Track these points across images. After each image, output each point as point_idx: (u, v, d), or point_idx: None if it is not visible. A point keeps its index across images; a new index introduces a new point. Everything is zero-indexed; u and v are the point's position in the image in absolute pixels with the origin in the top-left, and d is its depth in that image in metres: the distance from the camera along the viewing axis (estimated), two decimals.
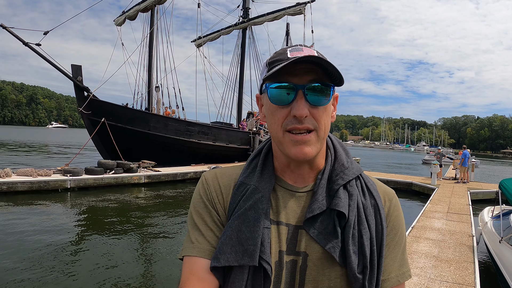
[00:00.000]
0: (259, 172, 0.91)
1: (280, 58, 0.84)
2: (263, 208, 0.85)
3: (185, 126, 21.09)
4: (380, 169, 26.05)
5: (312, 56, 0.79)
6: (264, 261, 0.81)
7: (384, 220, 0.88)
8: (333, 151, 0.96)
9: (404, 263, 0.91)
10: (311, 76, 0.83)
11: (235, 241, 0.83)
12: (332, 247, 0.82)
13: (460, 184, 16.71)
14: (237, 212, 0.86)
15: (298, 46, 0.87)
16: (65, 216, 9.20)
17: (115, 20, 23.79)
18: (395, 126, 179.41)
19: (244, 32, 27.74)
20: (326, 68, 0.81)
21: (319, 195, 0.87)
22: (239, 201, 0.87)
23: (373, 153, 69.98)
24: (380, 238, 0.86)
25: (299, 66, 0.82)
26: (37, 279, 5.33)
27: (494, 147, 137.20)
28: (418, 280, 4.80)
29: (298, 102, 0.82)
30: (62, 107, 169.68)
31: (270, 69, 0.85)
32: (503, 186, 6.69)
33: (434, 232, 7.54)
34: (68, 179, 12.23)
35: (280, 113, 0.84)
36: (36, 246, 6.81)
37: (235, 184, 0.92)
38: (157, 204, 11.58)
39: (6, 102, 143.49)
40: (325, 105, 0.85)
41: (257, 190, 0.87)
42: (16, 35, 14.65)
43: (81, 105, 17.32)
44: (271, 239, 0.85)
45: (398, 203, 0.95)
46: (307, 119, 0.83)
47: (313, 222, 0.85)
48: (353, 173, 0.91)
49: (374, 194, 0.91)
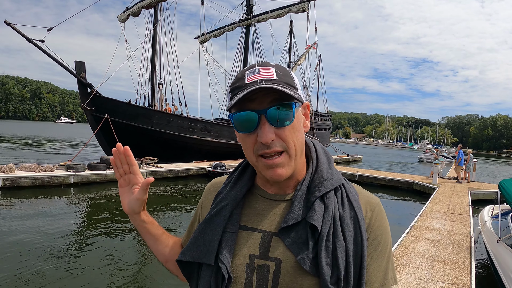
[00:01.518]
0: (233, 183, 1.00)
1: (239, 84, 0.86)
2: (225, 215, 0.94)
3: (188, 123, 21.15)
4: (378, 168, 26.03)
5: (266, 84, 0.82)
6: (220, 262, 0.89)
7: (364, 232, 0.88)
8: (316, 161, 0.98)
9: (389, 271, 0.92)
10: (271, 97, 0.84)
11: (201, 241, 0.94)
12: (302, 258, 0.84)
13: (461, 184, 16.70)
14: (206, 217, 0.97)
15: (255, 68, 0.88)
16: (67, 212, 9.30)
17: (119, 16, 23.83)
18: (399, 124, 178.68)
19: (247, 29, 27.72)
20: (280, 90, 0.82)
21: (295, 206, 0.90)
22: (212, 207, 0.99)
23: (376, 151, 69.83)
24: (360, 249, 0.87)
25: (257, 91, 0.83)
26: (38, 274, 5.42)
27: (498, 147, 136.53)
28: (414, 280, 4.86)
29: (262, 128, 0.84)
30: (65, 102, 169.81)
31: (232, 97, 0.87)
32: (502, 186, 6.71)
33: (433, 232, 7.58)
34: (71, 175, 12.34)
35: (249, 140, 0.88)
36: (38, 241, 6.90)
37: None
38: (160, 200, 11.67)
39: (10, 96, 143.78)
40: (290, 123, 0.86)
41: (224, 198, 0.97)
42: (20, 32, 14.72)
43: (84, 101, 17.41)
44: (240, 243, 0.92)
45: (382, 212, 0.95)
46: (275, 142, 0.85)
47: (288, 232, 0.88)
48: (332, 185, 0.92)
49: (354, 205, 0.91)
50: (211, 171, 16.52)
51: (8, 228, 7.58)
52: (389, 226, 0.95)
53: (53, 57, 15.88)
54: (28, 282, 5.18)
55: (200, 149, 21.08)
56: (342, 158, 31.62)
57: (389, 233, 0.95)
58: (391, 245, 0.96)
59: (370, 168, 23.09)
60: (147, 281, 5.67)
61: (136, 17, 23.36)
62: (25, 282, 5.15)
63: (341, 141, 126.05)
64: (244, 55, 27.99)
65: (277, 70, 0.87)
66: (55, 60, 16.03)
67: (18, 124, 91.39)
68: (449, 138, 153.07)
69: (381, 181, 17.48)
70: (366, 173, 18.45)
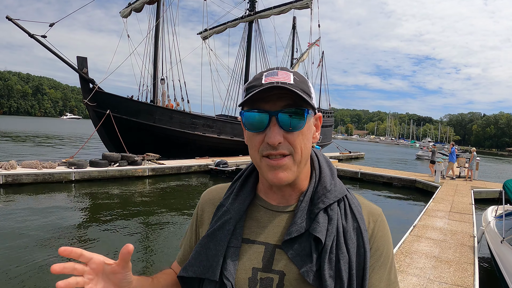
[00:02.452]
0: (235, 195, 0.97)
1: (255, 84, 0.86)
2: (229, 229, 0.91)
3: (190, 119, 21.13)
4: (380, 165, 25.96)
5: (282, 85, 0.81)
6: (225, 277, 0.87)
7: (366, 243, 0.88)
8: (318, 171, 0.97)
9: (391, 283, 0.91)
10: (285, 102, 0.84)
11: (203, 257, 0.91)
12: (306, 271, 0.83)
13: (463, 183, 16.62)
14: (209, 231, 0.94)
15: (273, 71, 0.88)
16: (69, 208, 9.29)
17: (121, 11, 23.78)
18: (401, 121, 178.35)
19: (250, 25, 27.61)
20: (298, 93, 0.82)
21: (298, 218, 0.89)
22: (213, 221, 0.96)
23: (378, 148, 69.75)
24: (362, 261, 0.87)
25: (272, 92, 0.83)
26: (40, 269, 5.43)
27: (500, 145, 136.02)
28: (417, 280, 4.82)
29: (271, 129, 0.83)
30: (68, 98, 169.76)
31: (246, 95, 0.87)
32: (506, 186, 6.67)
33: (436, 231, 7.53)
34: (73, 172, 12.33)
35: (256, 139, 0.87)
36: (39, 237, 6.91)
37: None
38: (161, 197, 11.66)
39: (12, 92, 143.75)
40: (300, 129, 0.86)
41: (227, 212, 0.94)
42: (22, 27, 14.69)
43: (87, 97, 17.41)
44: (244, 257, 0.90)
45: (384, 222, 0.95)
46: (282, 145, 0.84)
47: (292, 244, 0.87)
48: (335, 196, 0.92)
49: (357, 217, 0.91)
50: (213, 168, 16.50)
51: (9, 224, 7.58)
52: (391, 236, 0.95)
53: (55, 53, 15.86)
54: (30, 278, 5.18)
55: (202, 146, 21.06)
56: (344, 155, 31.57)
57: (391, 243, 0.95)
58: (393, 255, 0.96)
59: (373, 166, 23.03)
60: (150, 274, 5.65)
61: (138, 13, 23.32)
62: (27, 278, 5.16)
63: (343, 138, 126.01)
64: (247, 51, 27.93)
65: (294, 76, 0.87)
66: (57, 56, 16.01)
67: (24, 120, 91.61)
68: (451, 136, 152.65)
69: (384, 178, 17.43)
70: (369, 171, 18.41)
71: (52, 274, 4.35)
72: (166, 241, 7.54)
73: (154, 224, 8.66)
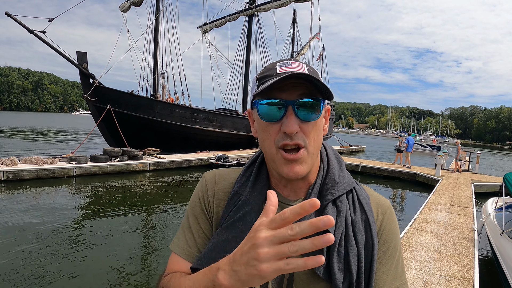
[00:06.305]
0: (252, 183, 0.93)
1: (269, 73, 0.85)
2: (251, 221, 0.86)
3: (191, 113, 21.11)
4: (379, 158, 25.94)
5: (300, 73, 0.79)
6: None
7: (375, 236, 0.87)
8: (326, 163, 0.96)
9: (398, 276, 0.90)
10: (301, 91, 0.83)
11: (220, 249, 0.86)
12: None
13: (464, 176, 16.62)
14: (227, 222, 0.89)
15: (287, 61, 0.87)
16: (70, 204, 9.32)
17: (120, 6, 23.64)
18: (402, 114, 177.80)
19: (250, 18, 27.51)
20: (316, 82, 0.81)
21: None
22: (230, 211, 0.90)
23: (378, 141, 69.68)
24: (370, 253, 0.86)
25: (288, 82, 0.82)
26: (41, 263, 5.45)
27: (501, 139, 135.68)
28: (417, 274, 4.84)
29: (288, 118, 0.82)
30: (68, 93, 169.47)
31: (259, 85, 0.85)
32: (507, 179, 6.69)
33: (436, 225, 7.55)
34: (74, 167, 12.35)
35: (272, 130, 0.85)
36: (40, 232, 6.93)
37: (231, 191, 0.95)
38: (162, 191, 11.68)
39: (13, 88, 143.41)
40: (315, 120, 0.85)
41: (247, 202, 0.90)
42: (21, 23, 14.64)
43: (87, 92, 17.39)
44: None
45: (393, 215, 0.94)
46: (297, 135, 0.83)
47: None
48: (344, 188, 0.91)
49: (366, 209, 0.90)
50: (214, 163, 16.51)
51: (11, 219, 7.61)
52: (399, 229, 0.94)
53: (54, 48, 15.83)
54: (31, 272, 5.19)
55: (202, 140, 21.05)
56: (345, 149, 31.56)
57: (399, 236, 0.94)
58: (401, 248, 0.95)
59: (373, 159, 23.02)
60: (151, 270, 5.68)
61: (137, 7, 23.21)
62: (28, 272, 5.17)
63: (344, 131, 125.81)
64: (247, 45, 27.86)
65: (308, 67, 0.86)
66: (57, 51, 15.98)
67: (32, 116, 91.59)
68: (452, 129, 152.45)
69: (384, 172, 17.44)
70: (369, 164, 18.42)
71: (51, 269, 4.34)
72: (168, 235, 7.56)
73: (155, 219, 8.69)
